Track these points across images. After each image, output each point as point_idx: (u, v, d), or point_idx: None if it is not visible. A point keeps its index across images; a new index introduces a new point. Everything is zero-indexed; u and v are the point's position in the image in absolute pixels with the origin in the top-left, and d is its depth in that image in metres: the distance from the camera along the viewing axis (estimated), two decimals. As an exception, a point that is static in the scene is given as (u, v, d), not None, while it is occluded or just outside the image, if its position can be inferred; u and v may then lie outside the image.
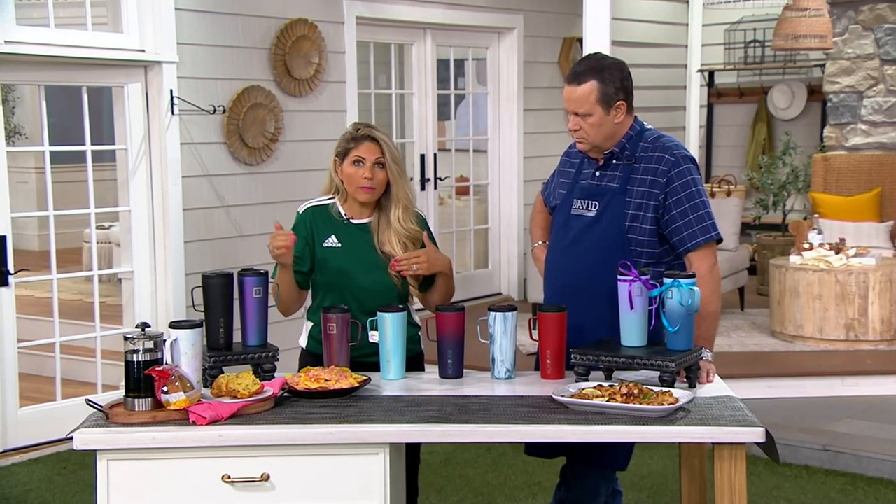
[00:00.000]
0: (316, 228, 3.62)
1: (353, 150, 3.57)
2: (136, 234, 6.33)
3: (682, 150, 3.52)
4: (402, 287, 3.60)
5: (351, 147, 3.58)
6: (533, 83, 9.02)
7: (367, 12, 7.55)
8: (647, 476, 5.37)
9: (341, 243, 3.59)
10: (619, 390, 3.04)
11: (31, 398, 6.14)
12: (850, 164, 8.66)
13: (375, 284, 3.55)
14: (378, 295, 3.53)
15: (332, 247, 3.59)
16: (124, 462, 2.88)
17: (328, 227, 3.62)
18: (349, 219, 3.63)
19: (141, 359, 2.95)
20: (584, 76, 3.45)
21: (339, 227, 3.62)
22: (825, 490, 5.21)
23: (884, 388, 6.51)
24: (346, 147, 3.60)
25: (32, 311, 7.43)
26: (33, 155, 10.55)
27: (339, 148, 3.63)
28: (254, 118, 6.73)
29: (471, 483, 5.32)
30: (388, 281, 3.56)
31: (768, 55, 10.35)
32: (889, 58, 8.61)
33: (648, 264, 3.42)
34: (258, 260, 6.71)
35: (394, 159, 3.59)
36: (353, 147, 3.58)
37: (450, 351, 3.41)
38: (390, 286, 3.57)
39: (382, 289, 3.56)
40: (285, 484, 2.90)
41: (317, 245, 3.61)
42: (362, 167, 3.55)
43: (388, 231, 3.59)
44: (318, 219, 3.64)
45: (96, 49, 6.02)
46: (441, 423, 2.94)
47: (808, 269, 7.11)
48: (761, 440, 2.91)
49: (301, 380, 3.17)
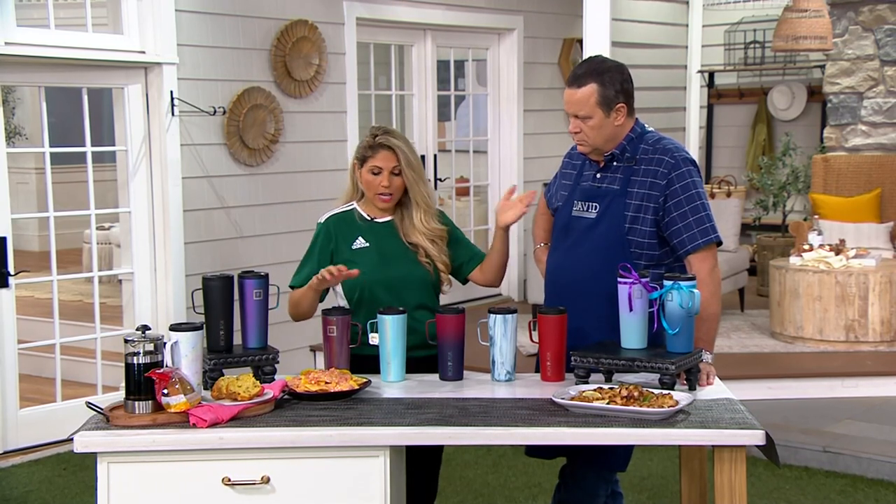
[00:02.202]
0: (340, 235, 3.66)
1: (370, 158, 3.62)
2: (137, 235, 6.34)
3: (682, 152, 3.53)
4: (434, 276, 3.66)
5: (368, 155, 3.63)
6: (533, 84, 9.02)
7: (368, 13, 7.55)
8: (648, 477, 5.37)
9: (369, 242, 3.64)
10: (619, 393, 3.04)
11: (31, 399, 6.15)
12: (850, 165, 8.66)
13: (409, 275, 3.61)
14: (413, 285, 3.60)
15: (362, 247, 3.64)
16: (125, 465, 2.88)
17: (353, 230, 3.66)
18: (373, 219, 3.68)
19: (141, 361, 2.95)
20: (585, 79, 3.45)
21: (364, 228, 3.67)
22: (825, 492, 5.21)
23: (884, 389, 6.51)
24: (363, 154, 3.65)
25: (33, 312, 7.43)
26: (33, 156, 10.55)
27: (357, 154, 3.68)
28: (254, 119, 6.73)
29: (471, 484, 5.33)
30: (421, 270, 3.63)
31: (768, 56, 10.35)
32: (889, 59, 8.61)
33: (648, 266, 3.43)
34: (258, 261, 6.73)
35: (409, 165, 3.62)
36: (370, 156, 3.62)
37: (450, 353, 3.41)
38: (424, 274, 3.63)
39: (416, 278, 3.62)
40: (286, 486, 2.90)
41: (345, 250, 3.64)
42: (379, 176, 3.61)
43: (412, 228, 3.66)
44: (341, 225, 3.68)
45: (96, 50, 6.03)
46: (441, 426, 2.94)
47: (808, 271, 7.11)
48: (761, 443, 2.92)
49: (301, 382, 3.17)
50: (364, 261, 3.61)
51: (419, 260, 3.64)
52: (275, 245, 6.94)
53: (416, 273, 3.62)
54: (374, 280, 3.59)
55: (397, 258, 3.63)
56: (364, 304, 3.59)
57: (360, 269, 3.53)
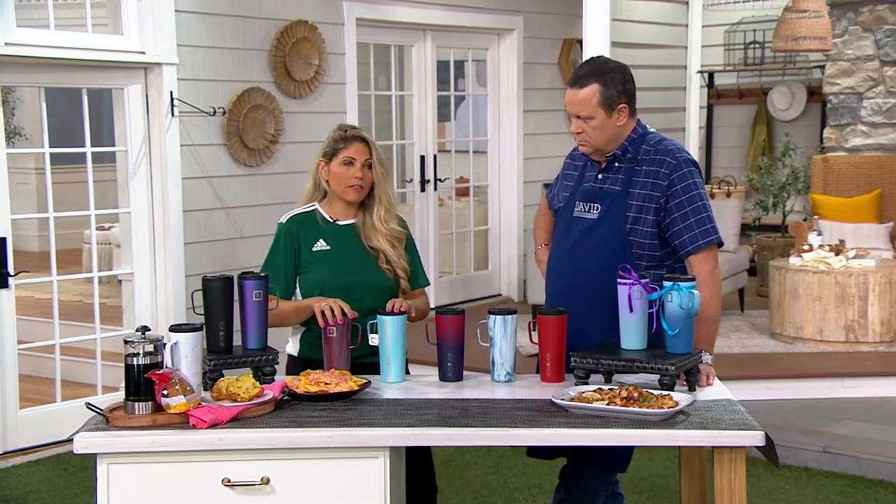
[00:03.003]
0: (302, 236, 3.65)
1: (342, 150, 3.63)
2: (136, 236, 6.34)
3: (684, 153, 3.53)
4: (394, 282, 3.64)
5: (341, 147, 3.64)
6: (533, 84, 9.02)
7: (367, 14, 7.56)
8: (648, 478, 5.37)
9: (330, 245, 3.63)
10: (618, 394, 3.04)
11: (31, 400, 6.15)
12: (850, 166, 8.66)
13: (368, 281, 3.60)
14: (372, 291, 3.58)
15: (322, 250, 3.63)
16: (124, 466, 2.88)
17: (315, 231, 3.65)
18: (335, 221, 3.67)
19: (141, 362, 2.95)
20: (586, 79, 3.46)
21: (326, 230, 3.66)
22: (825, 492, 5.21)
23: (884, 389, 6.51)
24: (335, 147, 3.65)
25: (32, 313, 7.44)
26: (33, 156, 10.55)
27: (326, 149, 3.69)
28: (254, 120, 6.73)
29: (471, 485, 5.33)
30: (381, 276, 3.62)
31: (768, 56, 10.35)
32: (889, 59, 8.61)
33: (649, 267, 3.43)
34: (258, 261, 6.67)
35: (380, 160, 3.67)
36: (342, 147, 3.64)
37: (450, 354, 3.41)
38: (383, 281, 3.62)
39: (375, 284, 3.60)
40: (285, 487, 2.90)
41: (305, 251, 3.63)
42: (352, 167, 3.61)
43: (374, 230, 3.66)
44: (303, 226, 3.67)
45: (96, 51, 6.02)
46: (441, 427, 2.94)
47: (807, 271, 7.11)
48: (761, 444, 2.92)
49: (301, 383, 3.17)
50: (324, 263, 3.60)
51: (380, 266, 3.63)
52: (275, 245, 6.94)
53: (376, 279, 3.61)
54: (334, 284, 3.56)
55: (358, 262, 3.62)
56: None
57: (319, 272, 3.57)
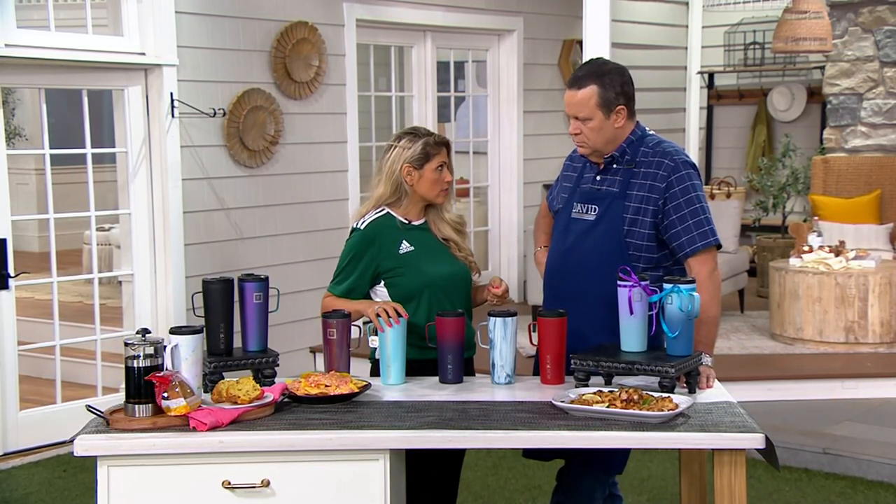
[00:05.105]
0: (383, 240, 3.64)
1: (435, 156, 3.67)
2: (137, 237, 6.34)
3: (682, 155, 3.53)
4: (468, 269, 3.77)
5: (434, 153, 3.67)
6: (533, 85, 9.02)
7: (367, 15, 7.56)
8: (647, 480, 5.37)
9: (413, 246, 3.66)
10: (618, 396, 3.04)
11: (31, 401, 6.15)
12: (850, 167, 8.66)
13: (456, 272, 3.69)
14: (458, 281, 3.68)
15: (409, 251, 3.65)
16: (125, 468, 2.88)
17: (396, 235, 3.66)
18: (410, 222, 3.71)
19: (141, 364, 2.95)
20: (585, 81, 3.46)
21: (405, 232, 3.68)
22: (825, 494, 5.21)
23: (884, 390, 6.51)
24: (428, 153, 3.66)
25: (32, 314, 7.43)
26: (33, 157, 10.55)
27: (416, 155, 3.66)
28: (254, 121, 6.73)
29: (470, 486, 5.33)
30: (461, 265, 3.72)
31: (768, 57, 10.35)
32: (889, 60, 8.61)
33: (646, 269, 3.43)
34: (258, 262, 6.74)
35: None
36: (435, 153, 3.67)
37: (450, 356, 3.41)
38: (464, 269, 3.73)
39: (460, 274, 3.71)
40: (286, 490, 2.91)
41: (391, 256, 3.63)
42: (444, 172, 3.69)
43: (442, 223, 3.74)
44: (382, 230, 3.66)
45: (96, 52, 6.03)
46: (441, 429, 2.95)
47: (807, 272, 7.11)
48: (761, 446, 2.92)
49: (301, 385, 3.17)
50: (413, 267, 3.63)
51: (456, 255, 3.72)
52: (275, 246, 6.95)
53: (460, 270, 3.71)
54: (433, 283, 3.62)
55: (441, 257, 3.69)
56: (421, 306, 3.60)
57: (414, 274, 3.60)
